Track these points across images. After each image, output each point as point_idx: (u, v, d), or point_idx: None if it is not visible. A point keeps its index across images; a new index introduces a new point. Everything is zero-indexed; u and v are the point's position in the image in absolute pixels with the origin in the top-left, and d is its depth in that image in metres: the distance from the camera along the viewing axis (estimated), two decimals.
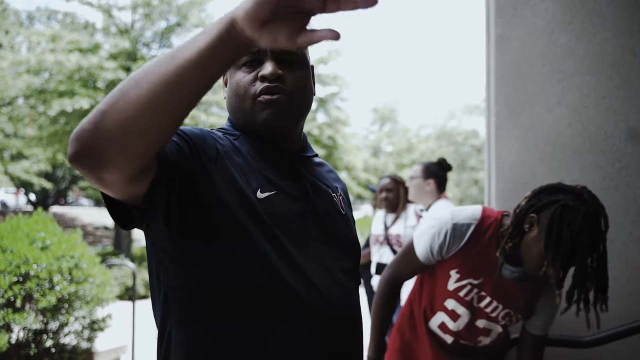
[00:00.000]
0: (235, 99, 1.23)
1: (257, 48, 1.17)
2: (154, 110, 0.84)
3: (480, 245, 1.94)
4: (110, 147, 0.84)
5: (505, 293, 1.95)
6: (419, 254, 2.01)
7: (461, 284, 1.97)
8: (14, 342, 4.18)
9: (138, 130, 0.85)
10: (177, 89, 0.84)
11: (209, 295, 1.11)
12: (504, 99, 2.68)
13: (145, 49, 15.32)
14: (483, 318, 2.00)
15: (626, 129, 2.46)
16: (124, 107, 0.83)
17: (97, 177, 0.89)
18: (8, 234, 4.38)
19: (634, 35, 2.48)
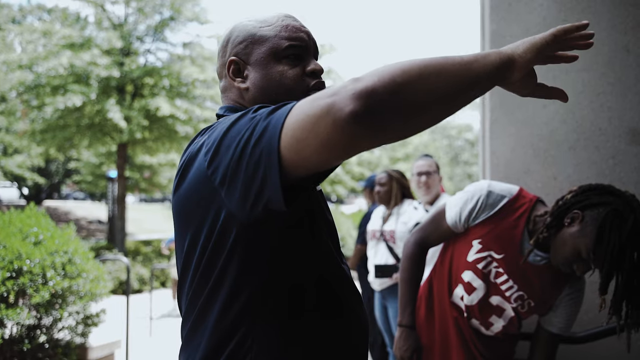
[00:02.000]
0: (280, 90, 1.19)
1: (305, 42, 1.22)
2: (440, 101, 0.92)
3: (508, 221, 1.94)
4: (394, 116, 0.88)
5: (523, 275, 1.95)
6: (448, 218, 2.02)
7: (481, 255, 1.98)
8: (8, 337, 4.17)
9: (421, 112, 0.91)
10: (464, 91, 0.95)
11: (297, 290, 1.11)
12: (498, 96, 2.68)
13: (138, 42, 15.23)
14: (497, 295, 1.99)
15: (620, 125, 2.47)
16: (421, 89, 0.89)
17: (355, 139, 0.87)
18: (1, 229, 4.36)
19: (629, 32, 2.48)
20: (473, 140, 38.31)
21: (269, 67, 1.20)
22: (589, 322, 2.44)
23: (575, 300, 2.01)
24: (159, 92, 14.28)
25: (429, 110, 0.91)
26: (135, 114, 13.40)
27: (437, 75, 0.91)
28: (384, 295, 4.18)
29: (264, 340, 1.07)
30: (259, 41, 1.22)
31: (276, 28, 1.22)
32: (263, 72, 1.20)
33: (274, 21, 1.23)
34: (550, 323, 2.04)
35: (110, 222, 16.19)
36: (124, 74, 13.81)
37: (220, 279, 1.08)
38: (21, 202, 25.55)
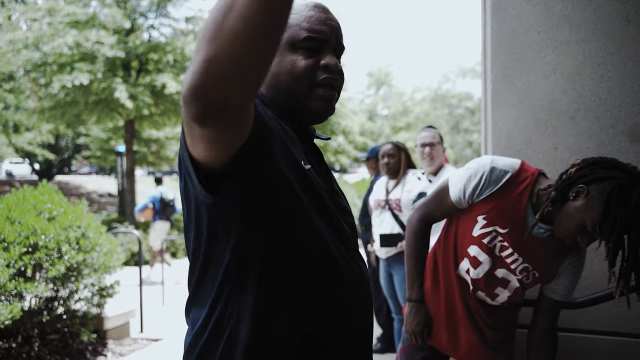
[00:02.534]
0: (289, 78, 1.19)
1: (325, 35, 1.20)
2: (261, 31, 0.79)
3: (512, 195, 1.92)
4: (231, 88, 0.82)
5: (527, 247, 1.95)
6: (452, 194, 2.01)
7: (486, 230, 1.97)
8: (27, 309, 4.23)
9: (254, 55, 0.81)
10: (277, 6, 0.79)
11: (271, 263, 1.11)
12: (500, 67, 2.66)
13: (142, 18, 15.07)
14: (502, 267, 2.00)
15: (620, 95, 2.44)
16: (233, 40, 0.78)
17: (213, 134, 0.89)
18: (16, 206, 4.39)
19: (629, 2, 2.44)
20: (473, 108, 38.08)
21: (285, 54, 1.20)
22: (587, 287, 2.46)
23: (576, 268, 2.02)
24: (164, 67, 14.19)
25: (257, 51, 0.81)
26: (141, 89, 13.34)
27: (236, 14, 0.78)
28: (389, 263, 4.21)
29: (241, 309, 1.10)
30: None
31: (300, 17, 1.21)
32: (278, 58, 1.20)
33: (301, 10, 1.22)
34: (553, 291, 2.05)
35: (120, 195, 16.24)
36: (129, 50, 13.71)
37: (206, 254, 1.13)
38: (33, 178, 25.66)
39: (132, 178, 15.19)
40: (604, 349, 2.46)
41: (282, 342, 1.11)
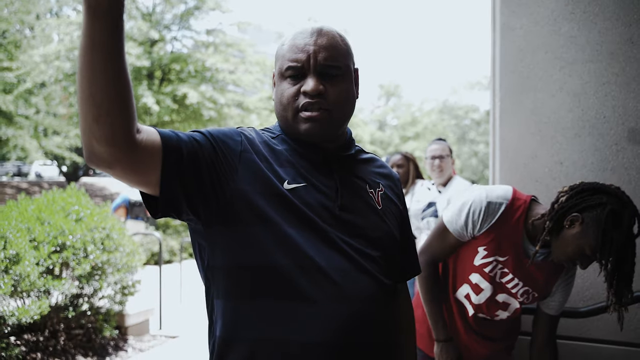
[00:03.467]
0: (280, 107, 1.25)
1: (301, 62, 1.21)
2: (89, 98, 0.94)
3: (509, 225, 1.91)
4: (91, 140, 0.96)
5: (527, 272, 1.94)
6: (453, 231, 1.98)
7: (487, 260, 1.96)
8: (54, 305, 4.27)
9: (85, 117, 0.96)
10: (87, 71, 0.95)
11: (237, 274, 1.17)
12: (508, 84, 2.65)
13: (165, 30, 15.20)
14: (503, 293, 1.99)
15: (624, 114, 2.43)
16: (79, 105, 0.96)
17: (109, 172, 1.01)
18: (46, 207, 4.44)
19: (633, 25, 2.43)
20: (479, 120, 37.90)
21: (279, 84, 1.27)
22: (590, 297, 2.45)
23: (569, 284, 2.03)
24: (186, 78, 14.30)
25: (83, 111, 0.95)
26: (163, 98, 13.44)
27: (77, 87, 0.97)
28: None
29: (223, 317, 1.19)
30: (278, 59, 1.28)
31: (286, 47, 1.25)
32: (276, 88, 1.28)
33: (289, 40, 1.26)
34: (548, 307, 2.06)
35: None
36: (153, 60, 13.83)
37: (197, 260, 1.26)
38: (60, 179, 25.86)
39: None
40: (606, 357, 2.44)
41: (247, 345, 1.15)
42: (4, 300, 3.78)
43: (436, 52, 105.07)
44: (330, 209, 1.22)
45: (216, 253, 1.18)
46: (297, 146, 1.26)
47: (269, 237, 1.14)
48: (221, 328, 1.18)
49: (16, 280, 3.71)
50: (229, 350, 1.17)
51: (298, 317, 1.14)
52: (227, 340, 1.17)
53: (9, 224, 3.95)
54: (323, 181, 1.25)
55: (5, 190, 20.75)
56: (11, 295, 3.77)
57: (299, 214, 1.17)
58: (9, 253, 3.71)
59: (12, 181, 24.42)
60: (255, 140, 1.22)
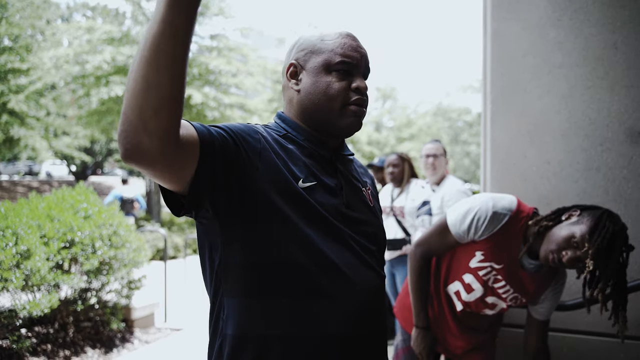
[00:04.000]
0: (323, 98, 1.22)
1: (356, 61, 1.24)
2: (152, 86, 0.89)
3: (509, 235, 1.91)
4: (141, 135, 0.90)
5: (519, 281, 1.96)
6: (455, 233, 1.98)
7: (483, 265, 1.97)
8: (63, 299, 4.28)
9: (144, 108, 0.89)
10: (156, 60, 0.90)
11: (254, 272, 1.13)
12: (498, 88, 2.66)
13: None
14: (493, 296, 2.01)
15: (608, 116, 2.44)
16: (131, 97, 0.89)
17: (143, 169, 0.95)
18: (55, 204, 4.44)
19: (617, 31, 2.44)
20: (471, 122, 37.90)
21: (320, 76, 1.23)
22: (576, 291, 2.45)
23: (558, 292, 2.05)
24: (190, 81, 14.29)
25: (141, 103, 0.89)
26: None
27: (132, 75, 0.90)
28: (392, 264, 4.21)
29: (231, 312, 1.15)
30: (317, 52, 1.25)
31: (334, 44, 1.24)
32: (314, 79, 1.24)
33: (334, 37, 1.26)
34: (538, 313, 2.08)
35: (147, 196, 16.33)
36: None
37: (202, 260, 1.23)
38: (70, 178, 25.87)
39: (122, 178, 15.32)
40: (591, 348, 2.45)
41: (262, 341, 1.13)
42: (15, 294, 3.78)
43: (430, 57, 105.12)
44: (338, 207, 1.23)
45: (232, 251, 1.14)
46: (308, 144, 1.25)
47: (287, 234, 1.13)
48: (234, 326, 1.14)
49: (27, 275, 3.72)
50: (242, 347, 1.14)
51: (314, 312, 1.13)
52: (241, 338, 1.14)
53: (20, 220, 3.95)
54: (329, 179, 1.25)
55: (17, 189, 20.75)
56: (22, 289, 3.77)
57: (313, 212, 1.17)
58: (20, 249, 3.71)
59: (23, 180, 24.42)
60: (269, 138, 1.19)
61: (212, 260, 1.18)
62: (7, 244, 3.69)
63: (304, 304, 1.13)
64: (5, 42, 14.17)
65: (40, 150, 17.10)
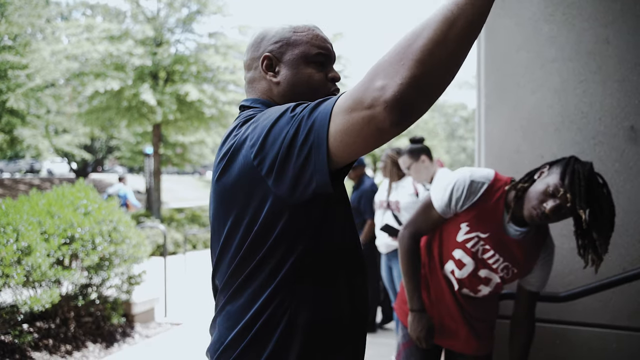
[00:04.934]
0: (307, 88, 1.24)
1: (329, 52, 1.27)
2: (461, 59, 0.90)
3: (490, 203, 1.95)
4: (425, 105, 0.90)
5: (507, 248, 1.97)
6: (438, 207, 2.01)
7: (469, 236, 1.99)
8: (65, 295, 4.28)
9: (449, 81, 0.91)
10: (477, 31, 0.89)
11: (325, 259, 1.14)
12: (493, 82, 2.66)
13: (169, 34, 15.15)
14: (485, 268, 2.01)
15: (600, 109, 2.44)
16: (440, 67, 0.87)
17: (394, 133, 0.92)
18: (55, 201, 4.44)
19: (609, 26, 2.44)
20: (467, 117, 37.93)
21: (300, 68, 1.24)
22: (569, 283, 2.46)
23: (548, 262, 2.05)
24: (188, 78, 14.27)
25: (451, 75, 0.91)
26: (167, 97, 13.42)
27: (445, 46, 0.87)
28: (389, 257, 4.22)
29: (299, 299, 1.11)
30: (293, 44, 1.25)
31: (309, 36, 1.26)
32: (294, 71, 1.24)
33: (307, 30, 1.27)
34: (529, 283, 2.08)
35: (147, 192, 16.31)
36: (157, 62, 13.79)
37: (268, 252, 1.10)
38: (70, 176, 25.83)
39: (159, 177, 15.26)
40: (584, 339, 2.46)
41: (331, 325, 1.16)
42: (17, 289, 3.78)
43: None
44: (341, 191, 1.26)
45: (321, 236, 1.12)
46: None
47: (342, 219, 1.20)
48: (309, 314, 1.12)
49: (28, 271, 3.72)
50: (320, 334, 1.13)
51: (352, 293, 1.21)
52: (317, 325, 1.13)
53: (21, 217, 3.95)
54: None
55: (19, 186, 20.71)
56: (24, 285, 3.77)
57: (345, 196, 1.23)
58: (21, 245, 3.71)
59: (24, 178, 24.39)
60: None
61: (291, 251, 1.10)
62: (8, 241, 3.69)
63: (348, 285, 1.19)
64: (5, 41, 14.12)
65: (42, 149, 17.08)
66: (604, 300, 2.42)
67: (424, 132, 33.11)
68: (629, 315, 2.37)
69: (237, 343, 1.13)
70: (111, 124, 15.13)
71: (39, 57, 13.26)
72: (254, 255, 1.11)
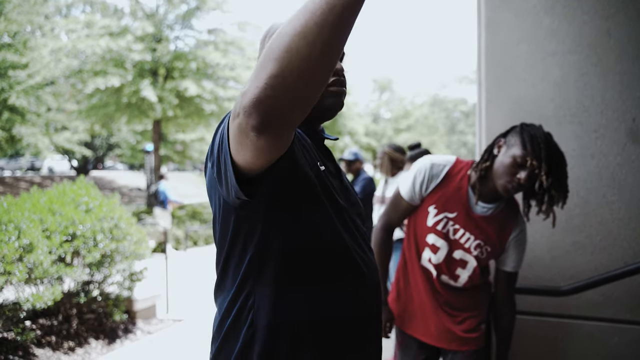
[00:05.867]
0: None
1: None
2: (328, 54, 0.80)
3: (453, 184, 2.02)
4: (290, 107, 0.82)
5: (477, 226, 2.00)
6: (404, 195, 2.09)
7: (438, 218, 2.03)
8: (67, 292, 4.28)
9: (317, 79, 0.82)
10: (344, 28, 0.79)
11: (290, 260, 1.10)
12: (493, 76, 2.65)
13: (168, 30, 15.12)
14: (458, 249, 2.03)
15: (602, 102, 2.43)
16: (300, 63, 0.78)
17: (267, 143, 0.87)
18: (57, 199, 4.43)
19: (610, 18, 2.42)
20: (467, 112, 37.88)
21: None
22: (571, 277, 2.46)
23: (520, 240, 2.06)
24: (188, 74, 14.25)
25: (316, 72, 0.81)
26: (167, 94, 13.40)
27: (305, 39, 0.77)
28: None
29: (264, 302, 1.10)
30: None
31: None
32: None
33: None
34: (504, 263, 2.09)
35: (148, 189, 16.32)
36: (157, 59, 13.77)
37: (230, 249, 1.13)
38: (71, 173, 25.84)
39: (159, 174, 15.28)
40: (586, 333, 2.46)
41: (297, 328, 1.10)
42: (19, 287, 3.78)
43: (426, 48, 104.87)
44: (341, 190, 1.24)
45: (273, 238, 1.09)
46: (305, 129, 1.23)
47: (322, 219, 1.13)
48: (269, 316, 1.09)
49: (30, 268, 3.71)
50: (279, 337, 1.10)
51: (341, 295, 1.15)
52: (277, 327, 1.10)
53: (23, 215, 3.94)
54: (329, 164, 1.26)
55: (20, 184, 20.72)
56: (26, 282, 3.76)
57: (332, 196, 1.17)
58: (23, 242, 3.70)
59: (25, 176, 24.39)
60: None
61: (245, 250, 1.11)
62: (9, 238, 3.68)
63: (333, 287, 1.14)
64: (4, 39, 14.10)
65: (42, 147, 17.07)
66: (606, 294, 2.41)
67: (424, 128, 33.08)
68: (631, 309, 2.37)
69: (216, 336, 1.18)
70: (111, 121, 15.12)
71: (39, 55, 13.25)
72: (221, 252, 1.16)
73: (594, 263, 2.40)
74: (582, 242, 2.44)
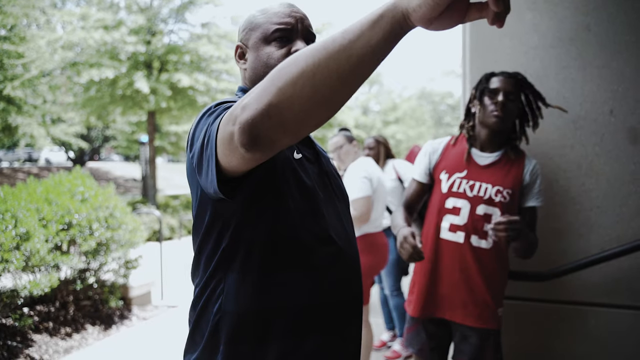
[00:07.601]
0: (266, 69, 1.16)
1: (291, 25, 1.18)
2: (331, 103, 0.77)
3: (454, 149, 2.19)
4: (279, 135, 0.81)
5: (489, 175, 2.08)
6: (417, 175, 2.25)
7: (451, 181, 2.12)
8: (63, 279, 4.26)
9: (313, 121, 0.79)
10: (354, 82, 0.76)
11: (263, 248, 1.09)
12: (477, 69, 2.65)
13: (162, 24, 14.98)
14: (481, 204, 2.04)
15: (581, 94, 2.45)
16: (300, 102, 0.76)
17: (254, 158, 0.86)
18: (53, 188, 4.40)
19: (589, 14, 2.43)
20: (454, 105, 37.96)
21: (260, 49, 1.19)
22: (553, 261, 2.48)
23: (535, 174, 2.11)
24: (182, 67, 14.14)
25: (313, 115, 0.78)
26: (160, 86, 13.30)
27: (311, 78, 0.74)
28: None
29: (232, 289, 1.09)
30: (254, 27, 1.21)
31: (268, 15, 1.20)
32: (255, 54, 1.20)
33: (269, 9, 1.21)
34: (528, 200, 2.11)
35: (143, 179, 16.24)
36: (151, 52, 13.65)
37: (204, 236, 1.12)
38: (68, 164, 25.63)
39: (154, 165, 15.19)
40: (566, 315, 2.49)
41: (264, 314, 1.09)
42: (16, 274, 3.76)
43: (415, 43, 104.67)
44: (321, 177, 1.22)
45: (246, 228, 1.08)
46: None
47: (296, 209, 1.10)
48: (236, 302, 1.08)
49: (27, 256, 3.70)
50: (246, 323, 1.08)
51: (315, 283, 1.12)
52: (244, 314, 1.08)
53: (19, 204, 3.91)
54: (308, 151, 1.24)
55: (17, 175, 20.54)
56: (23, 270, 3.75)
57: (308, 184, 1.15)
58: (20, 231, 3.68)
59: (23, 167, 24.17)
60: None
61: (220, 239, 1.10)
62: (6, 227, 3.66)
63: (307, 275, 1.11)
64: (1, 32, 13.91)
65: (38, 138, 16.91)
66: (583, 279, 2.44)
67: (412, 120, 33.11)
68: (607, 292, 2.40)
69: (190, 319, 1.18)
70: (106, 112, 15.00)
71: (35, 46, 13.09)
72: (196, 238, 1.15)
73: (573, 248, 2.43)
74: (562, 229, 2.46)
